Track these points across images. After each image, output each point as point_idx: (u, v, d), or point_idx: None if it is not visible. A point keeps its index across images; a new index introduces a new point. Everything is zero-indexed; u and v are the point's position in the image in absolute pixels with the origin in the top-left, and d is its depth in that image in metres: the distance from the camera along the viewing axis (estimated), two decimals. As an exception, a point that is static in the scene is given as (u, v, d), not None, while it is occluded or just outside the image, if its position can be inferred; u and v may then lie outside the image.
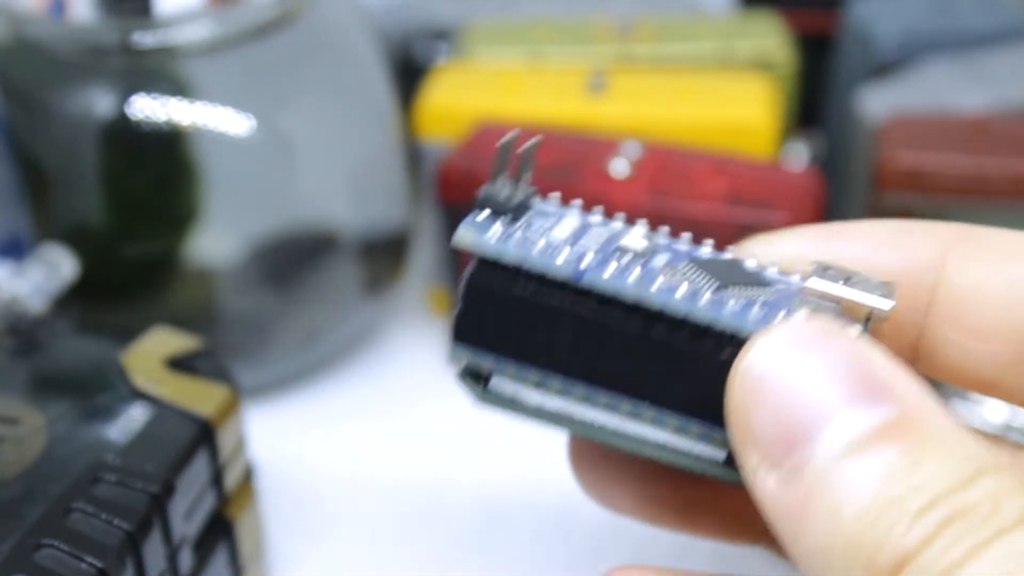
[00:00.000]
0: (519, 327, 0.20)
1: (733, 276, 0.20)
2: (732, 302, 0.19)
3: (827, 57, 0.48)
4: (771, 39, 0.44)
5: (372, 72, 0.41)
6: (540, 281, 0.20)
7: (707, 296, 0.19)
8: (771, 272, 0.20)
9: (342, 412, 0.40)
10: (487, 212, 0.21)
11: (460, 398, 0.40)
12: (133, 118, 0.36)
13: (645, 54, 0.44)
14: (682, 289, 0.19)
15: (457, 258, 0.39)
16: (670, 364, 0.19)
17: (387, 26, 0.47)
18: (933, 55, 0.43)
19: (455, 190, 0.38)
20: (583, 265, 0.20)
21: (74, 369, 0.30)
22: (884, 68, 0.44)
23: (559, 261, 0.20)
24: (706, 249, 0.21)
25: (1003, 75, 0.42)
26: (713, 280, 0.19)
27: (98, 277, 0.37)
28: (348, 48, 0.41)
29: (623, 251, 0.20)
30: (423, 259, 0.45)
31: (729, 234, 0.35)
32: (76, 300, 0.37)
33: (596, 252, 0.20)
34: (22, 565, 0.23)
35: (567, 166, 0.37)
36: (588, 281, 0.19)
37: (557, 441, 0.37)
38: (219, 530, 0.29)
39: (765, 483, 0.17)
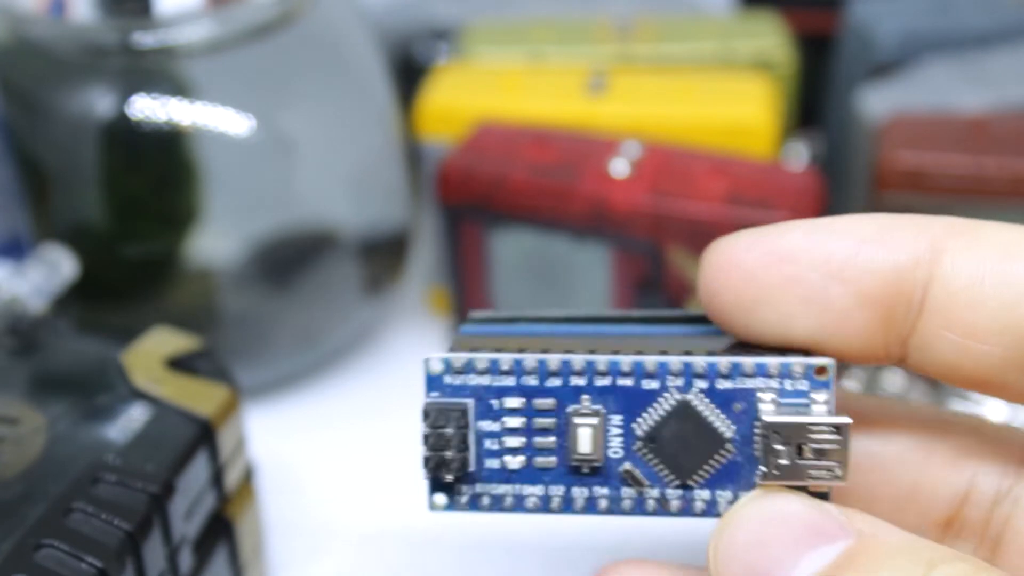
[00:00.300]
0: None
1: (689, 451, 0.20)
2: (696, 498, 0.20)
3: (827, 57, 0.48)
4: (771, 39, 0.44)
5: (372, 72, 0.41)
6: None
7: (674, 501, 0.20)
8: (722, 385, 0.20)
9: (342, 412, 0.40)
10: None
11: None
12: (133, 118, 0.36)
13: (645, 54, 0.44)
14: (651, 501, 0.20)
15: (457, 259, 0.39)
16: None
17: (387, 26, 0.47)
18: (933, 55, 0.43)
19: (455, 190, 0.38)
20: (554, 507, 0.21)
21: (74, 369, 0.30)
22: (884, 68, 0.44)
23: (530, 507, 0.21)
24: (649, 384, 0.21)
25: (1003, 75, 0.42)
26: (673, 473, 0.20)
27: (98, 277, 0.37)
28: (348, 48, 0.41)
29: (580, 466, 0.21)
30: (423, 259, 0.45)
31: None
32: (76, 300, 0.37)
33: (556, 477, 0.21)
34: (22, 565, 0.23)
35: (567, 166, 0.37)
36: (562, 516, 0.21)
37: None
38: (219, 530, 0.29)
39: None
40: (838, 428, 0.20)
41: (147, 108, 0.36)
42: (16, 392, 0.28)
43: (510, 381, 0.21)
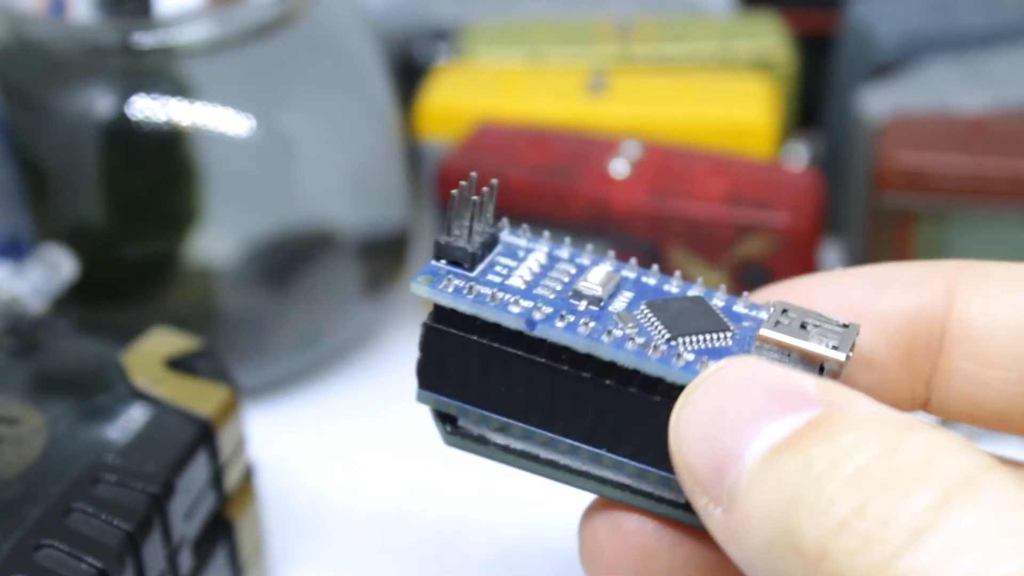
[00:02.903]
0: (478, 373, 0.21)
1: (690, 321, 0.20)
2: (682, 354, 0.19)
3: (827, 57, 0.48)
4: (771, 39, 0.44)
5: (372, 72, 0.41)
6: (496, 330, 0.20)
7: (660, 347, 0.19)
8: (738, 307, 0.21)
9: (342, 412, 0.40)
10: (443, 261, 0.21)
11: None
12: (133, 118, 0.36)
13: (645, 54, 0.44)
14: (633, 342, 0.19)
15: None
16: (624, 413, 0.20)
17: (387, 26, 0.47)
18: (933, 55, 0.43)
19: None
20: (536, 316, 0.20)
21: (74, 369, 0.30)
22: (884, 68, 0.44)
23: (513, 312, 0.20)
24: (674, 283, 0.21)
25: (1003, 75, 0.42)
26: (667, 329, 0.20)
27: (98, 277, 0.37)
28: (348, 48, 0.41)
29: (580, 296, 0.20)
30: (423, 259, 0.44)
31: (729, 234, 0.35)
32: (76, 300, 0.37)
33: (552, 300, 0.20)
34: (22, 565, 0.23)
35: (567, 166, 0.37)
36: (540, 333, 0.20)
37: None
38: (219, 530, 0.29)
39: (715, 519, 0.17)
40: (846, 325, 0.19)
41: (147, 108, 0.36)
42: (16, 392, 0.28)
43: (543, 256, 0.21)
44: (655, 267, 0.21)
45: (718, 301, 0.21)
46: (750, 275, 0.35)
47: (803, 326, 0.19)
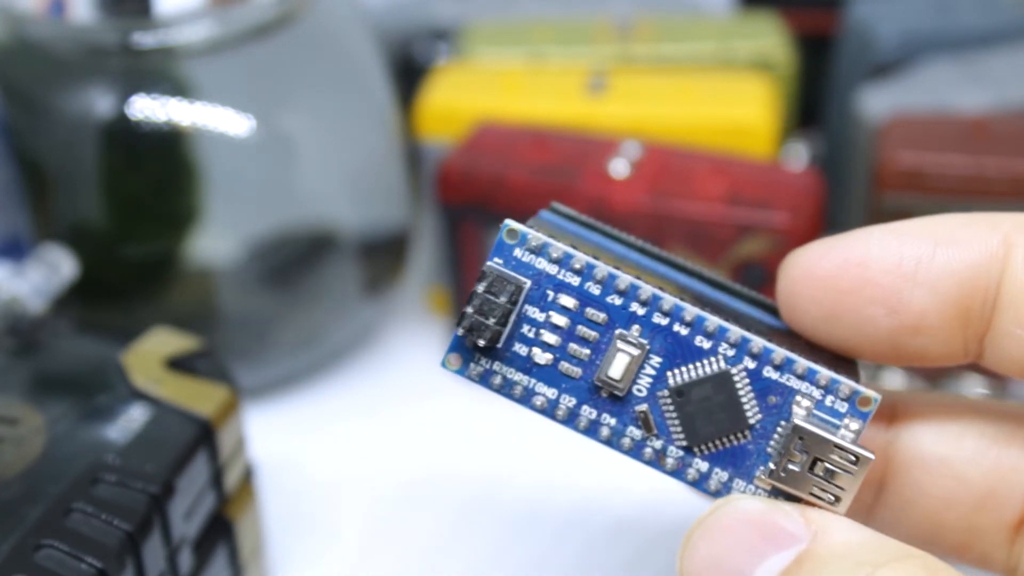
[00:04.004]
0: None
1: (709, 419, 0.20)
2: (695, 465, 0.20)
3: (827, 57, 0.48)
4: (771, 39, 0.44)
5: (372, 72, 0.41)
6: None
7: (672, 459, 0.20)
8: (769, 372, 0.20)
9: (342, 412, 0.40)
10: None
11: (460, 398, 0.40)
12: (133, 118, 0.36)
13: (645, 54, 0.44)
14: (650, 450, 0.20)
15: (457, 259, 0.39)
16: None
17: (387, 26, 0.47)
18: (933, 55, 0.43)
19: (455, 190, 0.38)
20: (559, 415, 0.21)
21: (74, 369, 0.30)
22: (884, 68, 0.44)
23: (537, 405, 0.21)
24: (709, 326, 0.20)
25: (1003, 75, 0.42)
26: (685, 433, 0.20)
27: (98, 277, 0.37)
28: (348, 48, 0.41)
29: (602, 387, 0.21)
30: (423, 259, 0.45)
31: (729, 234, 0.35)
32: (76, 300, 0.37)
33: (575, 385, 0.21)
34: (22, 565, 0.23)
35: (567, 166, 0.37)
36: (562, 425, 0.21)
37: (556, 441, 0.37)
38: (219, 530, 0.29)
39: None
40: (858, 459, 0.20)
41: (147, 108, 0.36)
42: (16, 392, 0.28)
43: (574, 280, 0.20)
44: (687, 308, 0.20)
45: (748, 363, 0.20)
46: (750, 275, 0.35)
47: (813, 465, 0.20)
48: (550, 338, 0.21)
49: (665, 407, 0.20)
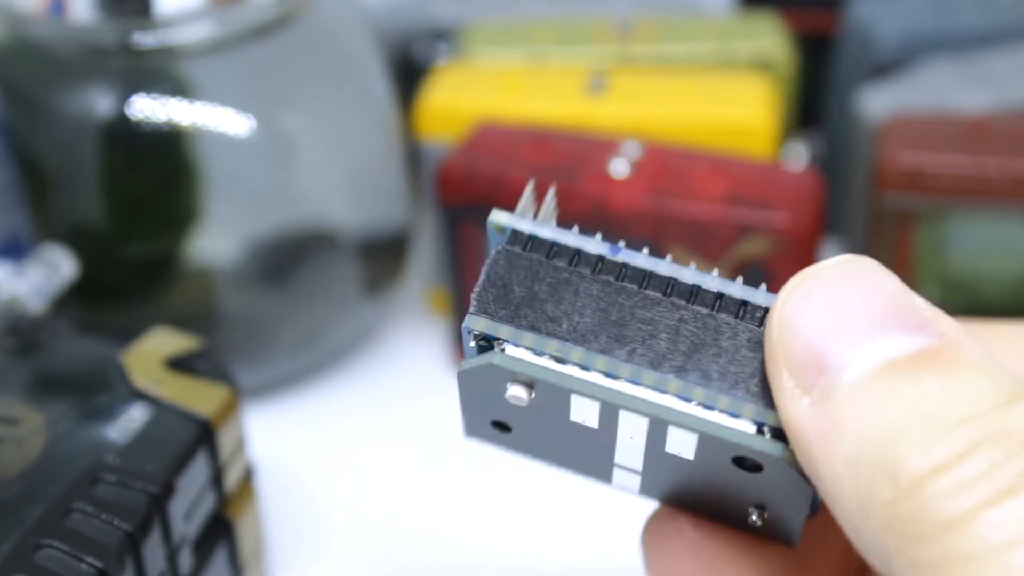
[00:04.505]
0: (545, 296, 0.20)
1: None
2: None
3: (827, 57, 0.48)
4: (771, 39, 0.44)
5: (372, 72, 0.41)
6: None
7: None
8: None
9: (342, 412, 0.40)
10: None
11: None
12: (133, 118, 0.36)
13: (645, 54, 0.44)
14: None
15: (457, 259, 0.39)
16: (701, 337, 0.19)
17: (387, 26, 0.47)
18: (933, 55, 0.43)
19: (455, 190, 0.38)
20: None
21: (74, 369, 0.30)
22: (884, 68, 0.44)
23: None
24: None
25: (1003, 75, 0.42)
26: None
27: (98, 277, 0.37)
28: (348, 48, 0.41)
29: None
30: (423, 259, 0.45)
31: (729, 234, 0.35)
32: (76, 300, 0.37)
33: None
34: (22, 565, 0.23)
35: (567, 166, 0.37)
36: (621, 258, 0.20)
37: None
38: (219, 530, 0.29)
39: (797, 406, 0.17)
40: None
41: (147, 108, 0.36)
42: (16, 392, 0.28)
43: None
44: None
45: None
46: (750, 275, 0.35)
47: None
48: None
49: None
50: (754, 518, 0.20)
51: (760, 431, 0.18)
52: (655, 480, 0.21)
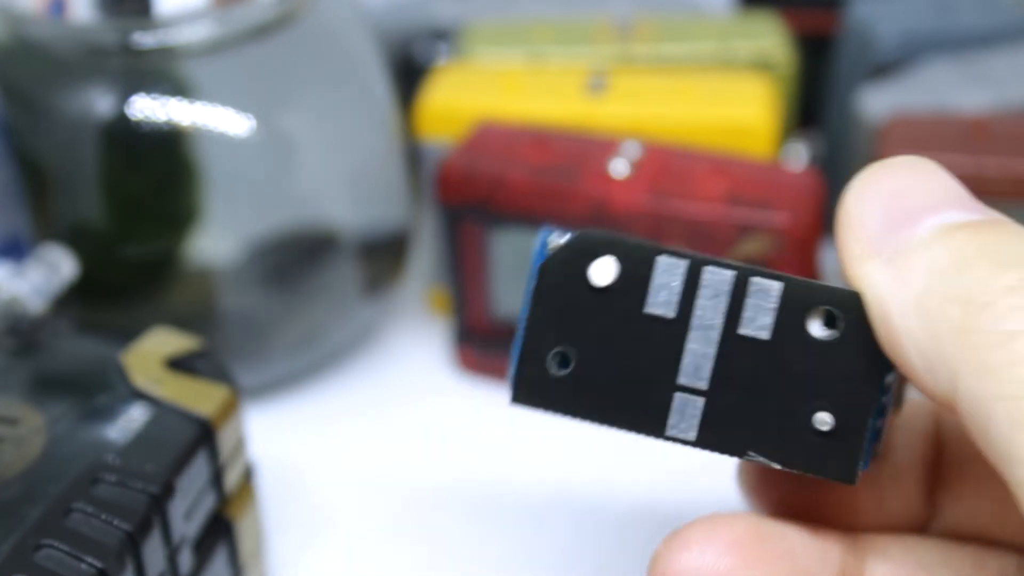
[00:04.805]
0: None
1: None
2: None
3: (827, 57, 0.48)
4: (771, 39, 0.44)
5: (372, 72, 0.41)
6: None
7: None
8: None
9: (342, 412, 0.40)
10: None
11: (460, 398, 0.40)
12: (133, 118, 0.36)
13: (645, 54, 0.44)
14: None
15: (457, 259, 0.39)
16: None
17: (387, 26, 0.47)
18: (933, 55, 0.43)
19: (455, 190, 0.38)
20: None
21: (74, 369, 0.30)
22: (884, 68, 0.44)
23: None
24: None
25: (1003, 75, 0.42)
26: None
27: (98, 277, 0.37)
28: (348, 48, 0.41)
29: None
30: (423, 259, 0.45)
31: (729, 234, 0.35)
32: (76, 300, 0.37)
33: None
34: (22, 565, 0.23)
35: (567, 166, 0.37)
36: None
37: (556, 442, 0.37)
38: (219, 530, 0.29)
39: (869, 266, 0.19)
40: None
41: (147, 108, 0.36)
42: (16, 392, 0.28)
43: None
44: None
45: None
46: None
47: None
48: None
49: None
50: (823, 422, 0.20)
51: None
52: (719, 402, 0.21)
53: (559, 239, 0.21)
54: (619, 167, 0.37)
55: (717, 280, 0.20)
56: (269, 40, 0.37)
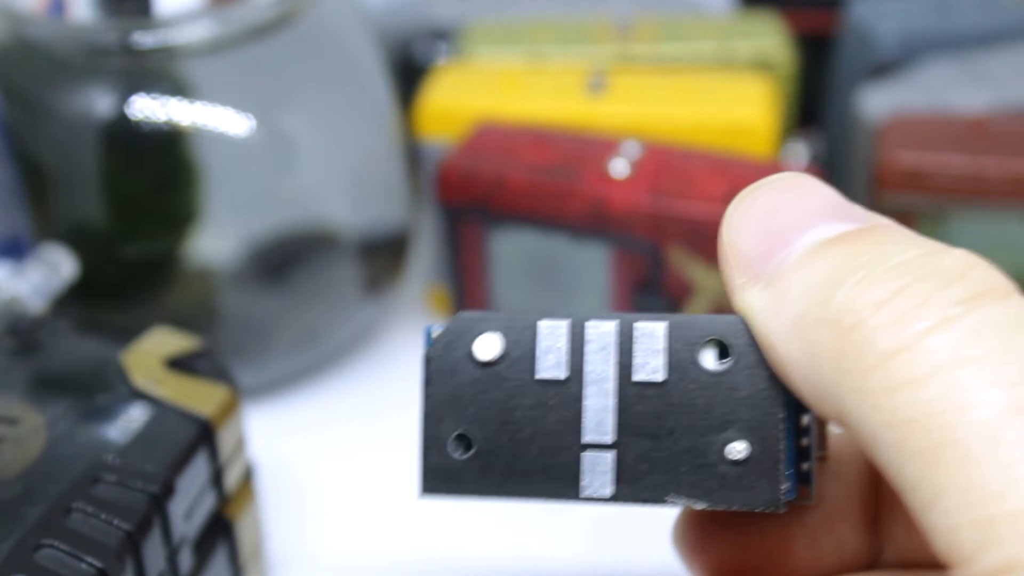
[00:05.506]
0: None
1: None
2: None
3: (827, 57, 0.48)
4: (771, 39, 0.44)
5: (372, 72, 0.41)
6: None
7: None
8: None
9: (342, 412, 0.40)
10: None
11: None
12: (133, 118, 0.36)
13: (645, 54, 0.44)
14: None
15: (457, 259, 0.39)
16: None
17: (387, 26, 0.47)
18: (933, 55, 0.43)
19: (455, 190, 0.38)
20: None
21: (74, 369, 0.30)
22: (884, 68, 0.44)
23: None
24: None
25: (1003, 75, 0.42)
26: None
27: (98, 277, 0.37)
28: (348, 48, 0.41)
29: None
30: (423, 259, 0.45)
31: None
32: (76, 300, 0.37)
33: None
34: (22, 565, 0.23)
35: (567, 166, 0.37)
36: None
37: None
38: (219, 530, 0.29)
39: (749, 294, 0.19)
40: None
41: (147, 108, 0.36)
42: (16, 392, 0.28)
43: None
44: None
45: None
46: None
47: None
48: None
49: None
50: (737, 451, 0.20)
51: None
52: (629, 452, 0.20)
53: (440, 328, 0.21)
54: (619, 167, 0.37)
55: (600, 333, 0.20)
56: (268, 40, 0.37)
